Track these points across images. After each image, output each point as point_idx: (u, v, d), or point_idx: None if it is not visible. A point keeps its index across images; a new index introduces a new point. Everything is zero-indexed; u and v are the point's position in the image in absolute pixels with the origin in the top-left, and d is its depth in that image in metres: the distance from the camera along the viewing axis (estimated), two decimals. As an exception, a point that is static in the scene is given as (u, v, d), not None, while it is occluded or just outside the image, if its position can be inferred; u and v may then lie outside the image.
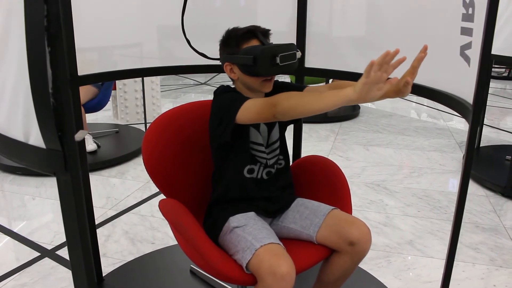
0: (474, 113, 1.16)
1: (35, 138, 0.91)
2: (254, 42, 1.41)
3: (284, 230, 1.53)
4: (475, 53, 1.20)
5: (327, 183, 1.69)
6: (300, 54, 1.44)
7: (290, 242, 1.49)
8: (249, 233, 1.35)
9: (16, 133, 0.96)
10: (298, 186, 1.71)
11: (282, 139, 1.59)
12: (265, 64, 1.36)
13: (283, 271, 1.20)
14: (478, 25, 1.16)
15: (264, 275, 1.22)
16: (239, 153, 1.49)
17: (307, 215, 1.49)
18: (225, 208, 1.50)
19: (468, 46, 1.27)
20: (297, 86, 1.59)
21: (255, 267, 1.26)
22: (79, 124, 1.67)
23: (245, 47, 1.40)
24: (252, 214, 1.47)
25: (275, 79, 1.50)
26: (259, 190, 1.52)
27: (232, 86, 1.52)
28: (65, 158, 0.87)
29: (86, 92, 3.59)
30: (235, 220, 1.43)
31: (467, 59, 1.28)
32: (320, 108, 1.18)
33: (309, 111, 1.21)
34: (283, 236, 1.53)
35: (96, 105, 3.67)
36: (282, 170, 1.59)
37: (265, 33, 1.45)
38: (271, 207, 1.54)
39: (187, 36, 1.85)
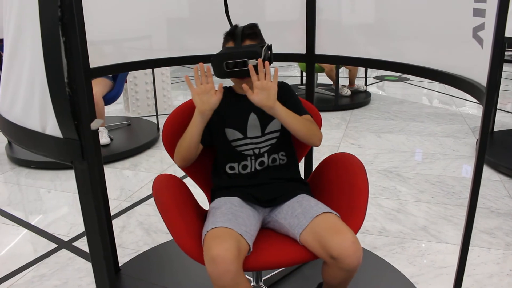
0: (488, 95, 1.15)
1: (52, 128, 0.92)
2: (231, 44, 1.49)
3: (276, 224, 1.48)
4: (488, 35, 1.18)
5: (345, 183, 1.57)
6: (256, 62, 1.38)
7: (280, 236, 1.46)
8: (214, 215, 1.39)
9: (33, 124, 0.97)
10: (318, 185, 1.67)
11: (285, 133, 1.53)
12: (218, 68, 1.44)
13: (213, 254, 1.20)
14: (491, 6, 1.14)
15: (204, 257, 1.25)
16: (220, 151, 1.58)
17: (297, 214, 1.40)
18: (218, 193, 1.56)
19: (481, 27, 1.26)
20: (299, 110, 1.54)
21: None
22: (93, 114, 1.69)
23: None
24: (235, 199, 1.49)
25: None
26: (249, 179, 1.54)
27: None
28: (81, 147, 0.88)
29: (104, 85, 3.63)
30: (217, 201, 1.50)
31: (480, 40, 1.27)
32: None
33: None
34: (276, 231, 1.49)
35: (111, 98, 3.70)
36: (284, 166, 1.58)
37: (249, 35, 1.48)
38: (263, 195, 1.51)
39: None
